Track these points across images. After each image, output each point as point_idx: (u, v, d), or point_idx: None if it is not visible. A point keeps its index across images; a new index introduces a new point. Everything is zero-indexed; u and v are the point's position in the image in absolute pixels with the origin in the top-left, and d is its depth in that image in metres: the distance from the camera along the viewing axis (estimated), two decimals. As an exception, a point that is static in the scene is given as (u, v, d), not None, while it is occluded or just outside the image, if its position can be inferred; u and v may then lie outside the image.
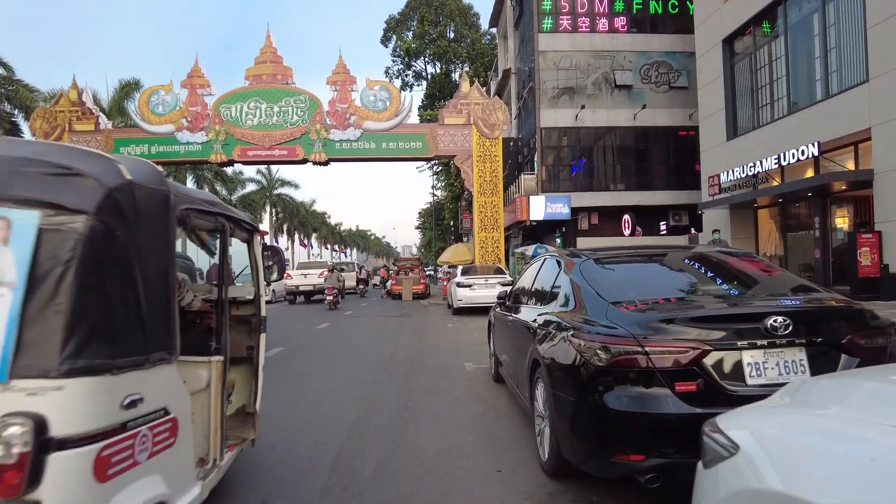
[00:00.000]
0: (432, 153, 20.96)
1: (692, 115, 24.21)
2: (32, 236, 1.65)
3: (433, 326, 12.85)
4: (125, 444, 1.84)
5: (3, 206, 1.68)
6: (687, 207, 24.51)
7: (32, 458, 1.54)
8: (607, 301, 3.01)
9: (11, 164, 1.81)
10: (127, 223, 1.91)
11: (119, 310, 1.86)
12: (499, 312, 5.78)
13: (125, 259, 1.91)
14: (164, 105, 21.03)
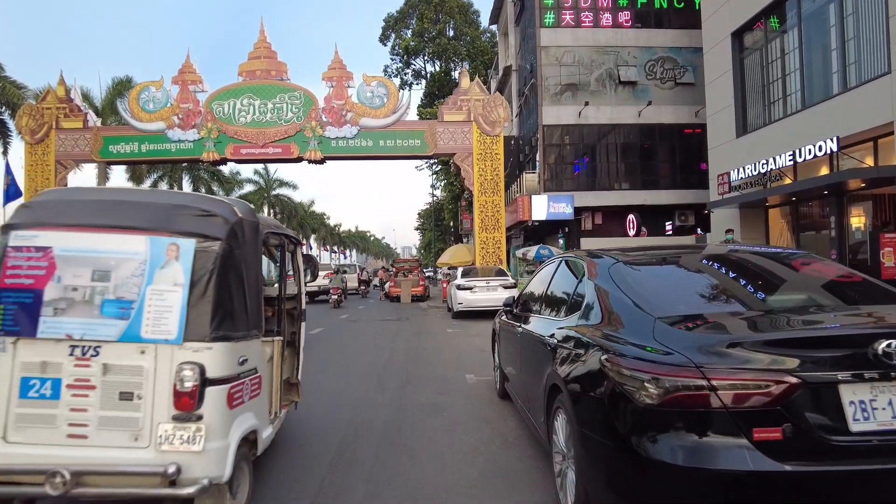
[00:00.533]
0: (431, 151, 20.30)
1: (698, 112, 23.57)
2: (192, 255, 2.68)
3: (432, 331, 12.19)
4: (240, 387, 2.87)
5: (174, 237, 2.71)
6: (693, 207, 23.87)
7: (199, 389, 2.56)
8: (653, 316, 2.34)
9: (176, 210, 2.85)
10: (240, 245, 2.94)
11: (237, 301, 2.88)
12: (505, 321, 5.12)
13: (239, 268, 2.92)
14: (155, 102, 20.37)
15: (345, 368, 7.44)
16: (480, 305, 14.37)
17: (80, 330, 2.69)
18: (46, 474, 2.46)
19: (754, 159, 16.20)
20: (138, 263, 2.75)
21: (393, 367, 7.67)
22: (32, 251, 2.77)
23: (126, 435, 2.63)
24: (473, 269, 16.37)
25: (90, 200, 3.10)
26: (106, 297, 2.73)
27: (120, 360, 2.68)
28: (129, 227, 2.81)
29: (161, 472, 2.48)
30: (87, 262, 2.77)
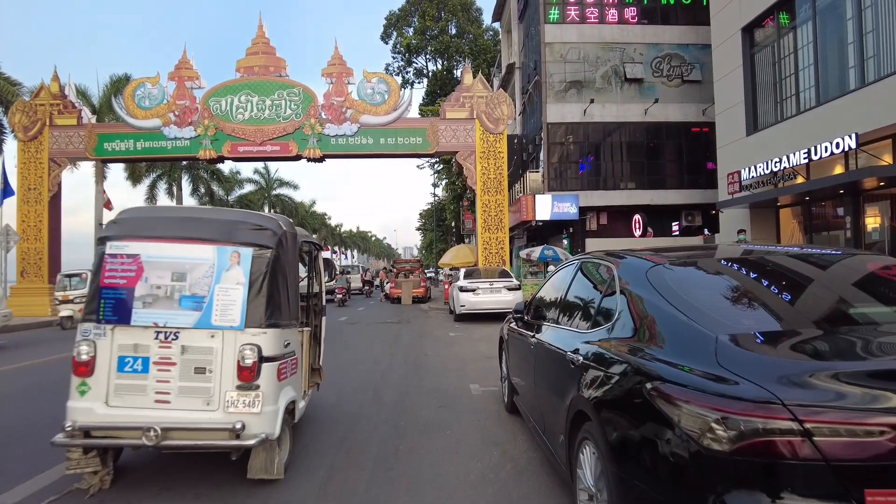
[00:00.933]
0: (433, 149, 19.81)
1: (706, 110, 23.08)
2: (249, 260, 3.54)
3: (434, 336, 11.70)
4: (285, 365, 3.71)
5: (236, 246, 3.56)
6: (700, 207, 23.37)
7: (257, 365, 3.37)
8: (713, 333, 1.85)
9: (236, 225, 3.69)
10: (284, 252, 3.81)
11: (283, 296, 3.75)
12: (515, 329, 4.63)
13: (284, 270, 3.80)
14: (151, 98, 19.92)
15: (339, 378, 6.94)
16: (484, 308, 13.89)
17: (164, 319, 3.48)
18: (143, 429, 3.26)
19: (766, 158, 15.70)
20: (208, 267, 3.55)
21: (391, 377, 7.18)
22: (124, 258, 3.58)
23: (200, 400, 3.41)
24: (476, 271, 15.88)
25: (167, 217, 3.99)
26: (183, 294, 3.52)
27: (195, 343, 3.47)
28: (200, 238, 3.61)
29: (230, 428, 3.29)
30: (168, 266, 3.56)
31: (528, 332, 4.02)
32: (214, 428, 3.36)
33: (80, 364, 3.45)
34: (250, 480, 3.52)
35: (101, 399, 3.42)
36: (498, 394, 5.80)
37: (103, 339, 3.48)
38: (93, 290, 3.60)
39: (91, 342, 3.48)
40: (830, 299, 2.23)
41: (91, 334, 3.50)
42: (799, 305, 2.18)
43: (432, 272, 49.44)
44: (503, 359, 5.35)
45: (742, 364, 1.68)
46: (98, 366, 3.45)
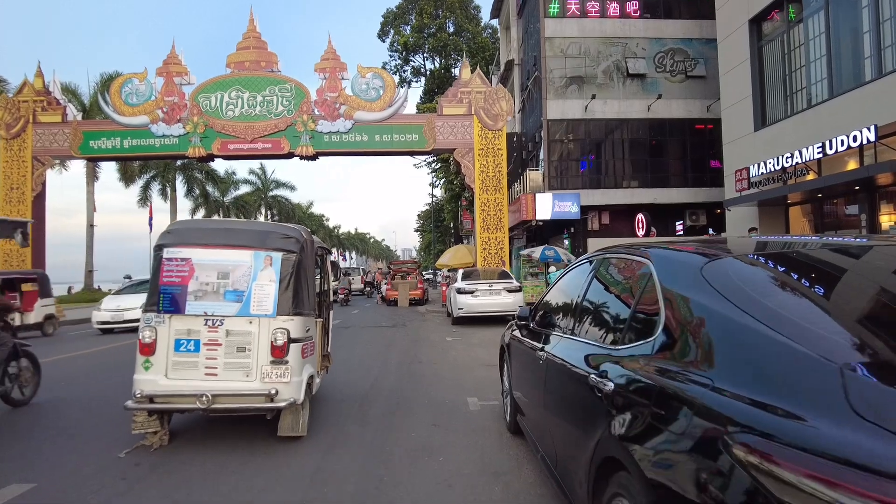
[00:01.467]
0: (430, 146, 19.18)
1: (710, 106, 22.48)
2: (280, 263, 4.33)
3: (429, 340, 11.05)
4: (306, 346, 4.53)
5: (269, 251, 4.37)
6: (704, 206, 22.76)
7: (287, 345, 4.17)
8: (834, 362, 1.20)
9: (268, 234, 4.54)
10: (305, 256, 4.62)
11: (304, 291, 4.54)
12: (519, 338, 3.99)
13: (306, 271, 4.63)
14: (138, 95, 19.29)
15: (324, 389, 6.28)
16: (483, 311, 13.24)
17: (211, 309, 4.33)
18: (196, 396, 4.13)
19: (775, 153, 15.11)
20: (247, 268, 4.40)
21: (381, 388, 6.52)
22: (179, 261, 4.40)
23: (242, 373, 4.26)
24: (475, 272, 15.22)
25: (212, 229, 4.92)
26: (227, 289, 4.37)
27: (236, 328, 4.31)
28: (240, 245, 4.48)
29: (266, 394, 4.18)
30: (214, 267, 4.41)
31: (536, 343, 3.37)
32: (253, 394, 4.26)
33: (144, 345, 4.33)
34: (274, 437, 4.45)
35: (162, 372, 4.30)
36: (499, 409, 5.15)
37: (163, 325, 4.35)
38: (153, 286, 4.46)
39: (153, 328, 4.35)
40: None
41: (153, 322, 4.37)
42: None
43: (430, 273, 48.80)
44: (505, 371, 4.71)
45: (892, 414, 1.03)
46: (159, 346, 4.32)
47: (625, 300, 2.35)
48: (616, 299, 2.47)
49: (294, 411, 4.40)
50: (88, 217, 32.52)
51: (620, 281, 2.50)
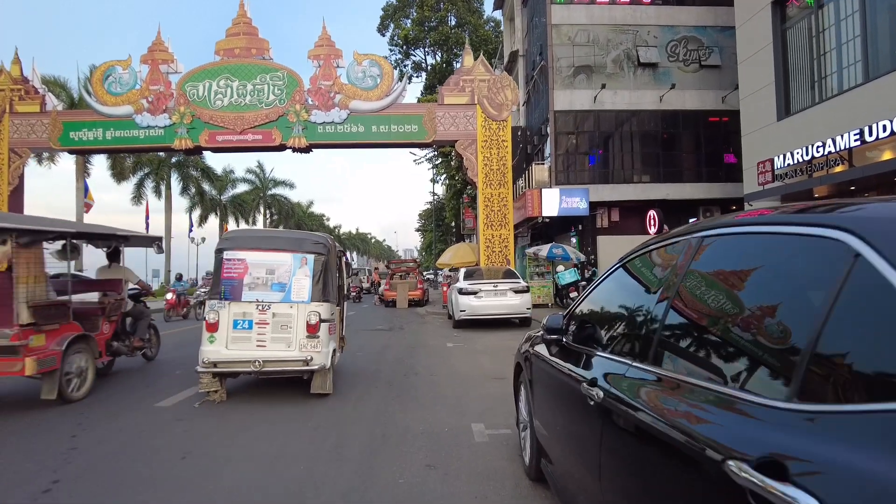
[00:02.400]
0: (430, 138, 18.07)
1: (726, 97, 21.33)
2: (313, 262, 5.90)
3: (428, 346, 9.94)
4: (331, 327, 6.04)
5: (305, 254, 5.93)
6: (719, 202, 21.60)
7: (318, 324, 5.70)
8: None
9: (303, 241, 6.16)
10: (331, 258, 6.18)
11: (330, 284, 6.05)
12: (545, 357, 2.87)
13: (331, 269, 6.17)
14: (122, 84, 18.21)
15: (299, 411, 5.21)
16: (487, 314, 12.13)
17: (261, 297, 5.83)
18: (250, 362, 5.61)
19: (801, 143, 13.98)
20: (288, 266, 5.93)
21: (366, 408, 5.41)
22: (236, 261, 5.93)
23: (284, 344, 5.73)
24: (478, 271, 14.09)
25: (260, 236, 6.64)
26: (273, 282, 5.89)
27: (280, 311, 5.79)
28: (283, 249, 6.04)
29: (303, 360, 5.65)
30: (263, 264, 5.93)
31: (576, 369, 2.27)
32: (293, 360, 5.69)
33: (210, 324, 5.71)
34: (305, 394, 5.95)
35: (223, 345, 5.69)
36: (512, 441, 4.05)
37: (224, 309, 5.75)
38: (216, 280, 5.93)
39: (216, 311, 5.74)
40: None
41: (216, 307, 5.77)
42: None
43: (431, 273, 47.67)
44: (522, 396, 3.60)
45: None
46: (221, 325, 5.71)
47: (789, 312, 1.23)
48: (766, 311, 1.35)
49: (323, 374, 5.90)
50: (78, 215, 31.44)
51: (771, 277, 1.38)
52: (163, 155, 41.03)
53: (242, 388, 6.54)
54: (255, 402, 5.89)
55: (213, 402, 5.75)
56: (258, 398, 6.10)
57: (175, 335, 12.12)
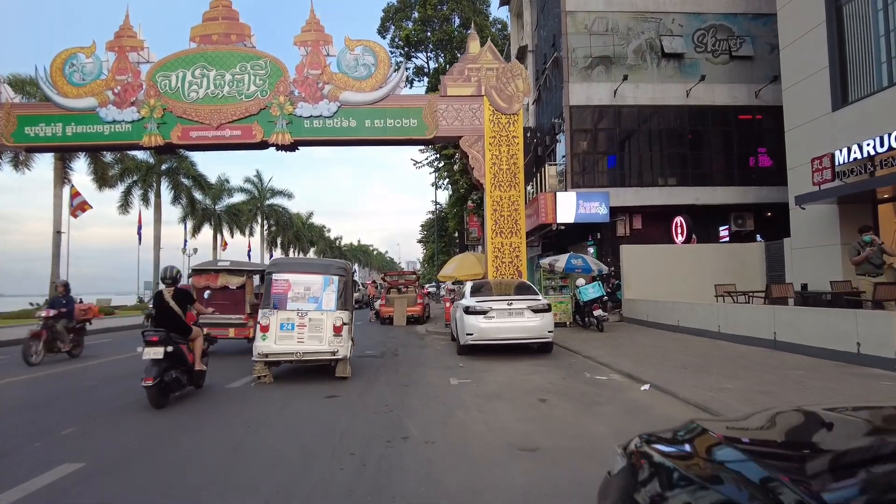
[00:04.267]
0: (431, 133, 15.94)
1: (759, 91, 19.21)
2: (338, 282, 8.51)
3: (425, 385, 7.70)
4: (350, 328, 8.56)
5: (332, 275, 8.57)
6: (752, 208, 19.41)
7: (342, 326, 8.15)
8: None
9: (331, 266, 8.92)
10: (349, 279, 8.95)
11: (349, 298, 8.87)
12: None
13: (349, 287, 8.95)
14: (85, 73, 16.18)
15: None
16: (499, 338, 9.88)
17: (300, 307, 8.15)
18: (293, 353, 7.95)
19: (863, 136, 11.84)
20: (320, 284, 8.33)
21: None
22: (282, 280, 8.31)
23: (317, 341, 7.95)
24: (486, 285, 11.87)
25: (300, 262, 11.42)
26: (309, 296, 8.23)
27: (315, 317, 8.05)
28: (316, 272, 8.53)
29: (331, 352, 7.96)
30: (302, 283, 8.31)
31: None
32: (324, 352, 7.98)
33: (263, 327, 7.92)
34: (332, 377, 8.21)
35: (273, 341, 7.92)
36: None
37: (273, 316, 8.02)
38: (266, 295, 8.27)
39: (268, 317, 7.98)
40: None
41: (268, 314, 8.02)
42: None
43: (434, 286, 45.40)
44: None
45: None
46: (271, 327, 7.94)
47: None
48: None
49: (344, 362, 8.24)
50: (55, 223, 29.41)
51: None
52: (152, 161, 39.24)
53: (284, 374, 8.84)
54: (293, 384, 8.04)
55: (264, 383, 7.90)
56: (295, 381, 8.28)
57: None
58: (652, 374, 7.64)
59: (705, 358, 9.12)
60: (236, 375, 8.65)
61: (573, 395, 6.72)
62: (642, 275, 17.00)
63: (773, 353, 9.47)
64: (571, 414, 5.78)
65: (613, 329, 14.49)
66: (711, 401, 5.96)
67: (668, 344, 11.30)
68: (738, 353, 9.49)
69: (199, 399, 6.99)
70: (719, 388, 6.55)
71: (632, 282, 17.18)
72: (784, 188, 18.98)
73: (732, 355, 9.33)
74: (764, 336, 10.23)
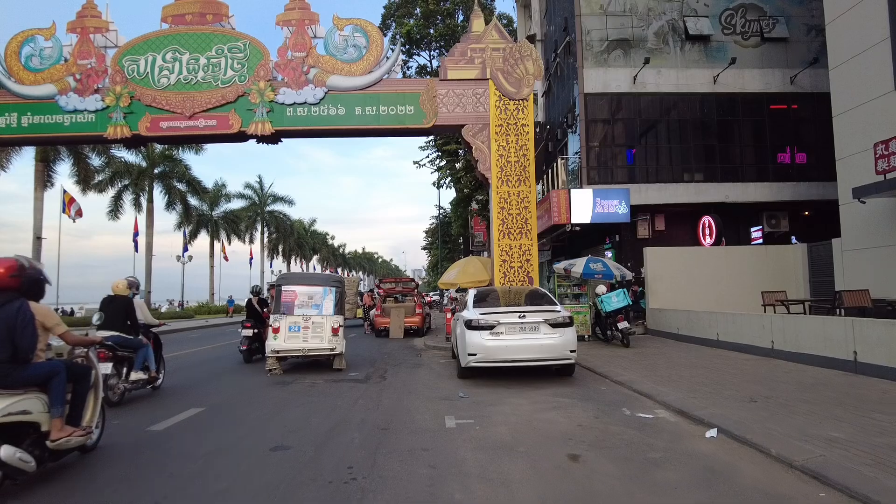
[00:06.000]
0: (430, 122, 14.11)
1: (795, 76, 17.32)
2: (335, 292, 10.47)
3: (412, 426, 5.81)
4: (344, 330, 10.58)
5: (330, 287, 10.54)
6: (787, 207, 17.45)
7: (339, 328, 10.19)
8: None
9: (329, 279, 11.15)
10: (344, 289, 11.20)
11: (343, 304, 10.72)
12: None
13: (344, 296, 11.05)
14: (43, 57, 14.49)
15: None
16: (510, 359, 7.95)
17: (305, 312, 10.08)
18: (300, 349, 9.92)
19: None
20: (321, 294, 10.30)
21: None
22: (289, 291, 10.26)
23: (319, 340, 9.93)
24: (493, 293, 9.97)
25: (304, 276, 14.83)
26: (312, 304, 10.21)
27: (317, 321, 10.03)
28: (318, 284, 10.55)
29: (330, 349, 9.95)
30: (306, 293, 10.25)
31: None
32: (325, 348, 9.86)
33: (274, 328, 9.81)
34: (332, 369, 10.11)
35: (283, 340, 9.78)
36: None
37: (282, 319, 9.86)
38: (277, 302, 10.07)
39: (279, 321, 9.82)
40: None
41: (279, 318, 9.84)
42: None
43: (437, 294, 43.49)
44: None
45: None
46: (281, 329, 9.80)
47: None
48: None
49: (340, 357, 10.20)
50: (35, 228, 27.73)
51: None
52: (144, 164, 37.66)
53: (291, 368, 10.71)
54: (298, 375, 9.87)
55: (276, 374, 9.90)
56: (300, 373, 10.11)
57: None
58: (714, 412, 5.71)
59: (772, 385, 7.17)
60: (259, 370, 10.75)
61: (616, 447, 4.81)
62: (669, 281, 15.06)
63: (858, 378, 7.50)
64: (621, 486, 3.88)
65: (640, 344, 12.54)
66: (825, 464, 4.03)
67: (712, 363, 9.34)
68: (813, 379, 7.52)
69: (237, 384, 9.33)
70: (824, 439, 4.61)
71: (657, 288, 15.23)
72: (823, 184, 17.03)
73: (806, 381, 7.37)
74: (839, 356, 8.26)
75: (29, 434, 3.90)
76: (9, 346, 3.90)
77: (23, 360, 3.96)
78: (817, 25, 17.24)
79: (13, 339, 3.90)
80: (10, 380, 3.88)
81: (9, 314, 3.91)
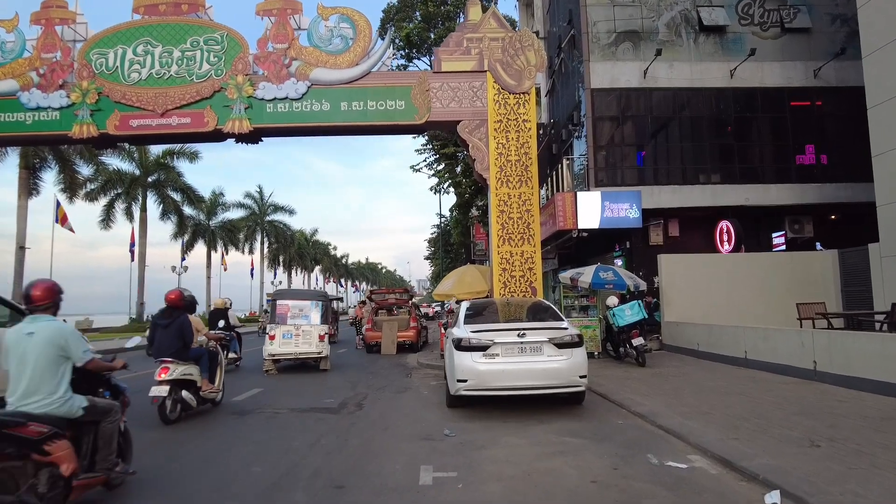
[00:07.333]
0: (422, 118, 12.90)
1: (819, 70, 16.05)
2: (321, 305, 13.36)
3: (377, 482, 4.52)
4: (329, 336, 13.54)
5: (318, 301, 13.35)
6: (812, 210, 16.10)
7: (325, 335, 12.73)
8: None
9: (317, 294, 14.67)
10: (329, 302, 15.11)
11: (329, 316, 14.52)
12: None
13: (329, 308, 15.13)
14: (4, 51, 13.42)
15: None
16: (508, 386, 6.63)
17: (297, 322, 12.57)
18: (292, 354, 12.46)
19: None
20: (310, 307, 12.95)
21: None
22: (283, 305, 12.97)
23: (309, 345, 12.29)
24: (489, 306, 8.65)
25: (296, 291, 19.48)
26: (303, 315, 12.74)
27: (306, 329, 12.40)
28: (307, 298, 13.46)
29: (318, 352, 12.30)
30: (297, 307, 12.90)
31: None
32: (313, 353, 12.21)
33: (270, 336, 12.33)
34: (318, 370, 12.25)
35: (278, 346, 12.16)
36: None
37: (276, 329, 12.36)
38: (272, 314, 12.99)
39: (274, 329, 12.33)
40: None
41: (274, 327, 12.39)
42: None
43: (438, 306, 42.10)
44: None
45: None
46: (277, 336, 12.25)
47: None
48: None
49: (325, 359, 12.33)
50: (18, 238, 26.65)
51: None
52: (137, 172, 36.64)
53: (285, 369, 12.48)
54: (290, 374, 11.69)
55: (272, 374, 11.72)
56: (291, 372, 11.93)
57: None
58: (767, 462, 4.38)
59: (830, 420, 5.82)
60: None
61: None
62: (687, 291, 13.72)
63: (932, 410, 6.14)
64: None
65: (657, 362, 11.17)
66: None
67: (745, 388, 7.99)
68: (878, 412, 6.16)
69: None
70: (941, 515, 3.29)
71: (673, 299, 13.88)
72: (851, 185, 15.68)
73: (871, 414, 6.01)
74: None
75: (192, 386, 7.04)
76: (181, 340, 6.86)
77: (187, 347, 6.95)
78: (843, 14, 15.99)
79: (183, 336, 6.86)
80: (183, 357, 6.88)
81: (181, 322, 6.91)
